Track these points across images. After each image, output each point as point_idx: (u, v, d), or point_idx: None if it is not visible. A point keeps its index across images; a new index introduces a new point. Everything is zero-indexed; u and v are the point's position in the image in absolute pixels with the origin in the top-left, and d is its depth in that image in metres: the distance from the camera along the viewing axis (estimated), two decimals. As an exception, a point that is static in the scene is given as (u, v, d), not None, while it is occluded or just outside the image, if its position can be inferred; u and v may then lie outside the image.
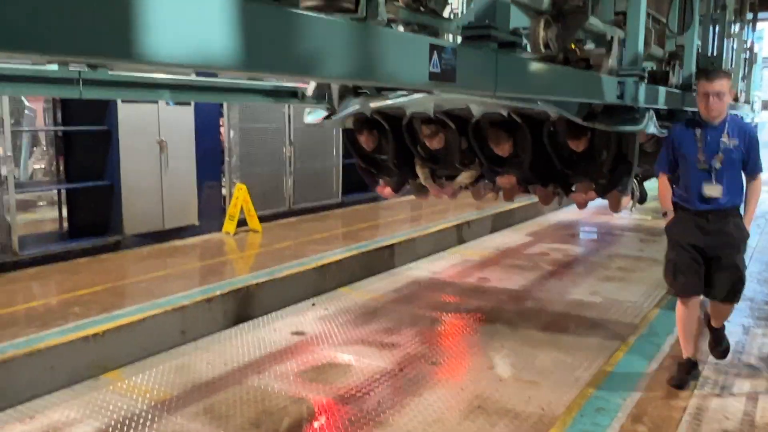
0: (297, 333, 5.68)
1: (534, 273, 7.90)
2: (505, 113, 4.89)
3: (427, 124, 5.21)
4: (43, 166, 11.28)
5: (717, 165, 3.91)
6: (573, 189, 5.40)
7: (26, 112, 9.83)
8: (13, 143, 6.97)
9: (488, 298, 6.81)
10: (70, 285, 6.15)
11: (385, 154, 5.75)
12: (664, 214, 4.20)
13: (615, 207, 5.50)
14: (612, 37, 4.33)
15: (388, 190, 6.09)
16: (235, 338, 5.53)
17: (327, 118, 5.55)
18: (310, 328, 5.82)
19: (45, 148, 11.08)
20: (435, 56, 2.19)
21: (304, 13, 1.63)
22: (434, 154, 5.56)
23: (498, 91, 2.62)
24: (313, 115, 5.67)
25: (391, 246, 8.09)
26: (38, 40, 1.08)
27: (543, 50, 3.51)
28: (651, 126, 4.56)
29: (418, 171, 5.74)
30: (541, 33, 3.39)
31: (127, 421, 4.02)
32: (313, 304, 6.49)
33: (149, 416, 4.09)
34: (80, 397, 4.36)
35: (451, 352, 5.27)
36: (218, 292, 5.78)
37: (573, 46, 4.29)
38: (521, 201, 10.05)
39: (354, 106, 5.33)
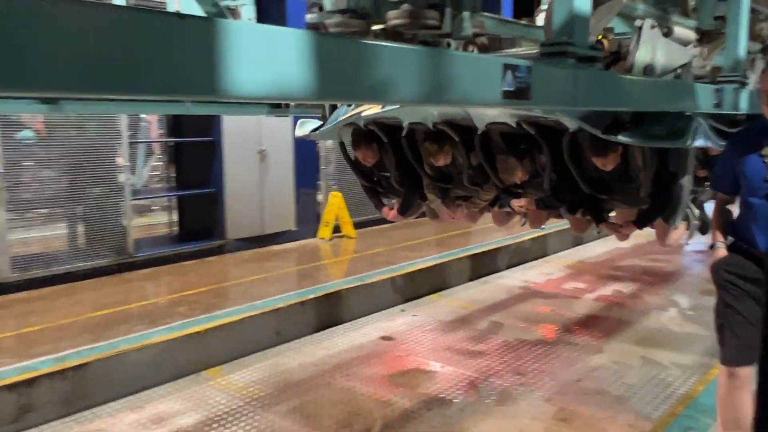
0: (385, 338, 5.83)
1: (632, 284, 7.65)
2: (513, 123, 3.96)
3: (428, 137, 4.36)
4: (157, 173, 12.13)
5: None
6: (606, 217, 4.42)
7: (142, 124, 10.62)
8: (130, 153, 7.59)
9: (581, 309, 6.68)
10: (178, 285, 6.61)
11: (388, 171, 4.87)
12: (711, 247, 3.23)
13: (663, 239, 4.43)
14: (640, 27, 3.47)
15: (393, 213, 5.11)
16: (326, 341, 5.75)
17: (315, 130, 4.77)
18: (398, 333, 5.95)
19: (159, 157, 11.91)
20: (509, 75, 2.25)
21: (374, 42, 1.75)
22: (443, 171, 4.61)
23: (577, 106, 2.64)
24: (303, 128, 4.89)
25: (482, 254, 8.09)
26: (136, 82, 1.26)
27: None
28: (699, 139, 3.49)
29: (426, 191, 4.83)
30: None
31: (224, 416, 4.30)
32: (402, 310, 6.62)
33: (245, 412, 4.36)
34: (183, 390, 4.71)
35: (539, 363, 5.23)
36: (311, 296, 6.03)
37: (601, 37, 3.64)
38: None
39: (343, 115, 4.55)
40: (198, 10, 4.60)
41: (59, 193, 6.90)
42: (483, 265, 8.03)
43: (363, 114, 4.42)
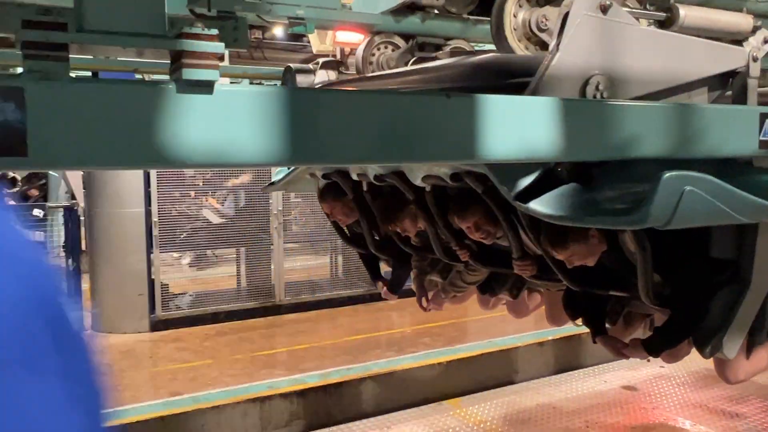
0: (628, 387, 5.59)
1: None
2: (446, 176, 2.48)
3: (384, 194, 3.08)
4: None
5: None
6: (610, 327, 3.00)
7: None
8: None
9: None
10: (421, 317, 7.04)
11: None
12: None
13: (721, 371, 2.82)
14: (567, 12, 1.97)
15: (385, 290, 3.86)
16: (563, 384, 5.70)
17: (272, 184, 3.77)
18: (642, 384, 5.66)
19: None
20: (767, 124, 2.18)
21: (619, 102, 1.86)
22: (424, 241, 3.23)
23: None
24: (276, 177, 3.78)
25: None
26: (415, 151, 1.54)
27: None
28: (682, 216, 1.83)
29: (414, 267, 3.65)
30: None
31: (463, 445, 4.53)
32: (648, 360, 6.26)
33: (482, 444, 4.53)
34: (426, 417, 5.03)
35: (812, 434, 4.62)
36: (550, 337, 6.02)
37: None
38: None
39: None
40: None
41: (323, 227, 7.84)
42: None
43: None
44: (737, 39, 2.35)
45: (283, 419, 4.78)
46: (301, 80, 3.27)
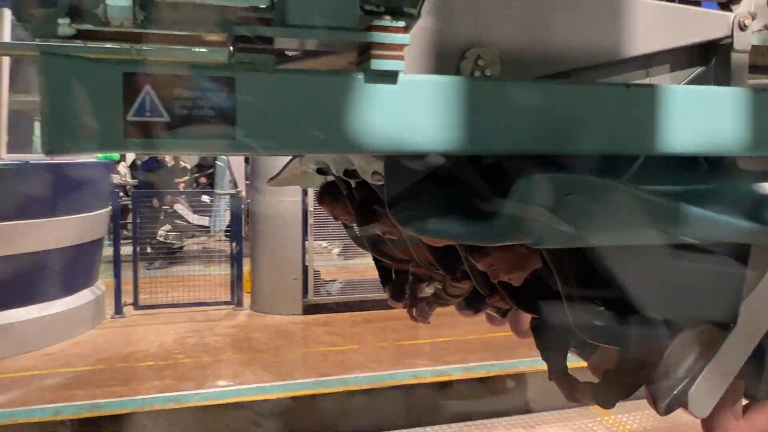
0: None
1: None
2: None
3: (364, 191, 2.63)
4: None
5: None
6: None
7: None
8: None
9: None
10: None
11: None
12: None
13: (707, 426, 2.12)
14: None
15: (390, 297, 3.50)
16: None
17: (273, 178, 3.30)
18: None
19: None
20: None
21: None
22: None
23: None
24: None
25: None
26: (586, 141, 1.52)
27: None
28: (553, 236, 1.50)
29: (410, 270, 3.29)
30: None
31: (611, 453, 4.36)
32: None
33: (632, 455, 4.34)
34: (571, 420, 4.89)
35: None
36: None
37: None
38: None
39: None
40: None
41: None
42: None
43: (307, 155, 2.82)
44: (725, 2, 1.78)
45: (427, 409, 4.87)
46: None
